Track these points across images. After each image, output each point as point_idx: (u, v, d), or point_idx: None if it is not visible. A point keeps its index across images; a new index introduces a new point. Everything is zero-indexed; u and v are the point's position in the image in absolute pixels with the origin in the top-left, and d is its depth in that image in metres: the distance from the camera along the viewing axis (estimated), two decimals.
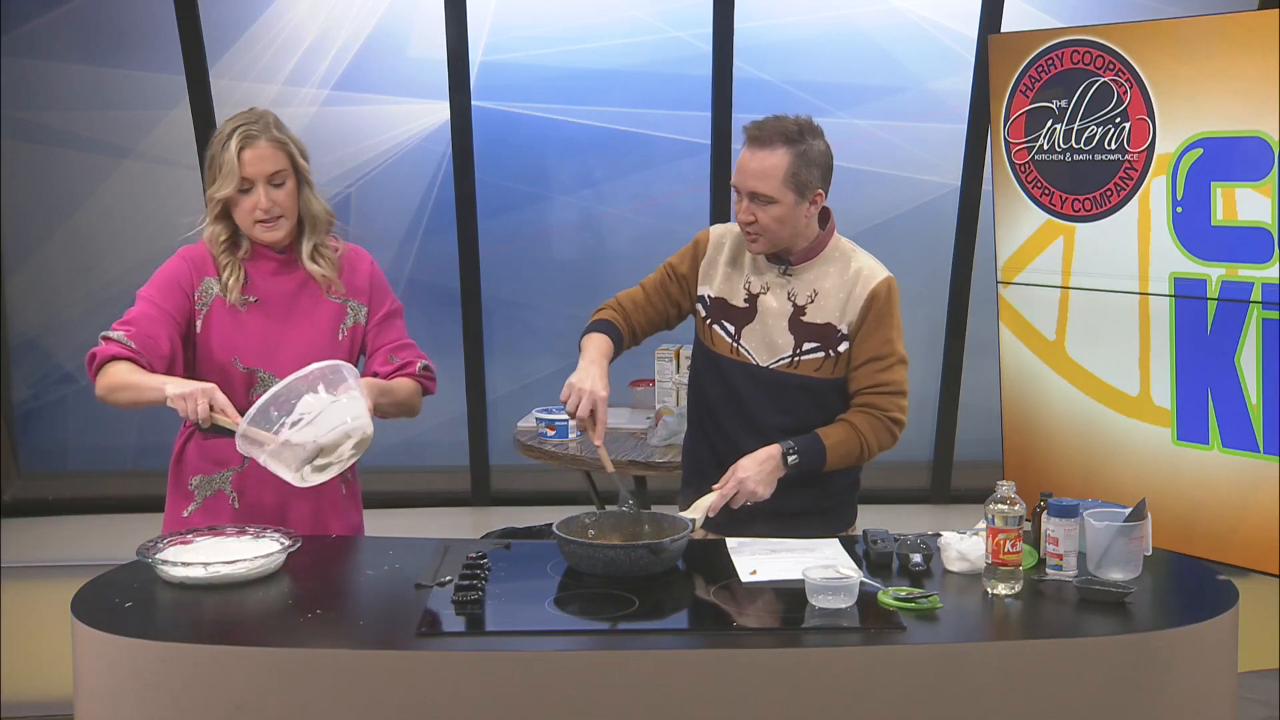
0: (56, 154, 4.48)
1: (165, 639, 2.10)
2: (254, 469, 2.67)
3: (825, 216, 2.76)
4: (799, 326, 2.72)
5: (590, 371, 2.67)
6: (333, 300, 2.74)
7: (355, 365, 2.75)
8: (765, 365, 2.74)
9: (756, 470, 2.62)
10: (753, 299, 2.76)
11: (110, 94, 4.42)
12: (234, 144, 2.60)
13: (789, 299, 2.73)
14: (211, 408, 2.44)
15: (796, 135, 2.63)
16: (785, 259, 2.74)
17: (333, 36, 4.43)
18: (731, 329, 2.77)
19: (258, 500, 2.69)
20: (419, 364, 2.79)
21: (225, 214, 2.66)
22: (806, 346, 2.72)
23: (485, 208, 4.50)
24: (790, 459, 2.64)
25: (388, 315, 2.80)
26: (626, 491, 2.64)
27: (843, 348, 2.72)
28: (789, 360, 2.73)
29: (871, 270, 2.74)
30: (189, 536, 2.48)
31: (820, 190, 2.67)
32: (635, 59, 4.51)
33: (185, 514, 2.70)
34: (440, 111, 4.44)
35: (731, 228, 2.82)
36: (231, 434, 2.42)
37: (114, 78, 4.42)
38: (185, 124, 4.36)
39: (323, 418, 2.43)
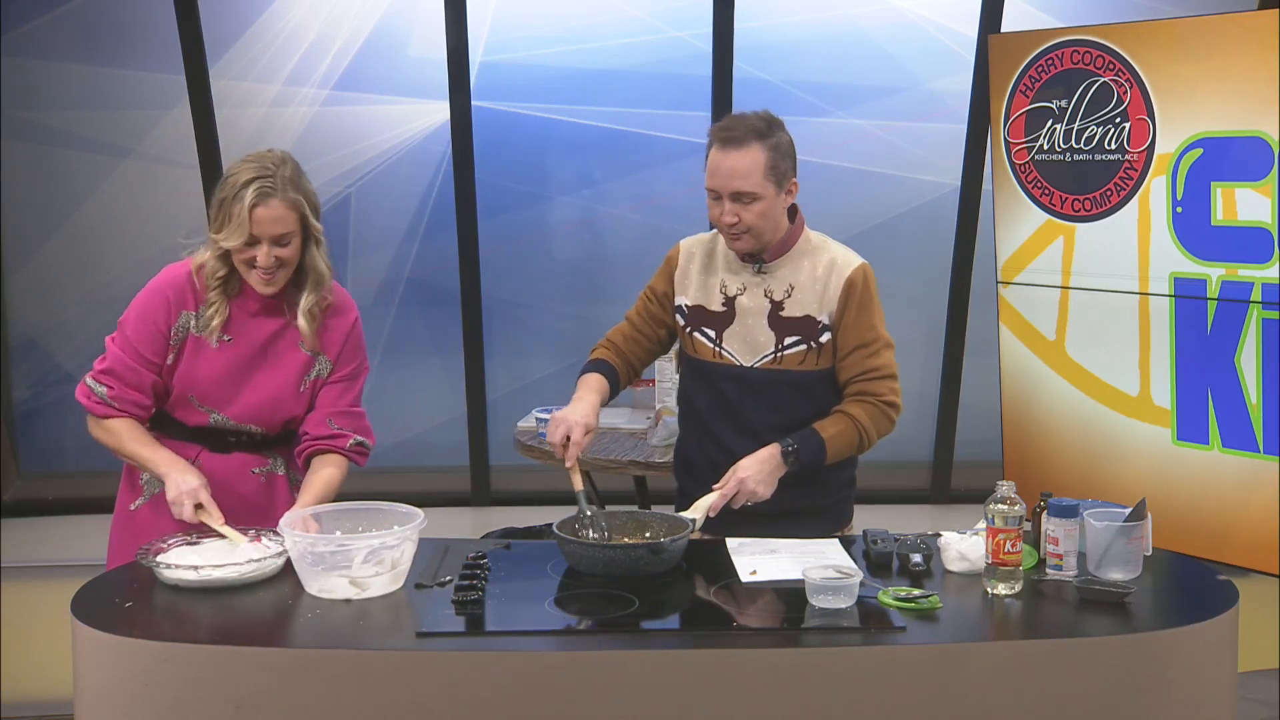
0: (56, 154, 4.48)
1: (165, 639, 2.10)
2: (202, 473, 2.67)
3: (793, 211, 2.77)
4: (779, 322, 2.73)
5: (576, 406, 2.71)
6: (304, 351, 2.70)
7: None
8: (749, 365, 2.75)
9: (757, 470, 2.62)
10: (730, 301, 2.77)
11: (110, 94, 4.42)
12: (248, 198, 2.51)
13: (766, 296, 2.74)
14: (199, 505, 2.53)
15: (766, 130, 2.66)
16: (759, 257, 2.75)
17: (333, 36, 4.43)
18: (711, 333, 2.78)
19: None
20: (351, 439, 2.71)
21: (227, 252, 2.59)
22: (788, 341, 2.73)
23: (485, 208, 4.50)
24: (790, 457, 2.64)
25: (348, 377, 2.74)
26: (586, 507, 2.62)
27: (824, 338, 2.72)
28: (772, 357, 2.73)
29: (845, 259, 2.75)
30: (194, 537, 2.48)
31: (795, 179, 2.71)
32: (635, 59, 4.51)
33: (133, 507, 2.71)
34: (440, 111, 4.44)
35: (700, 237, 2.85)
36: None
37: (114, 78, 4.42)
38: (185, 124, 4.36)
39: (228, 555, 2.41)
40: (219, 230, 2.56)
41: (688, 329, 2.82)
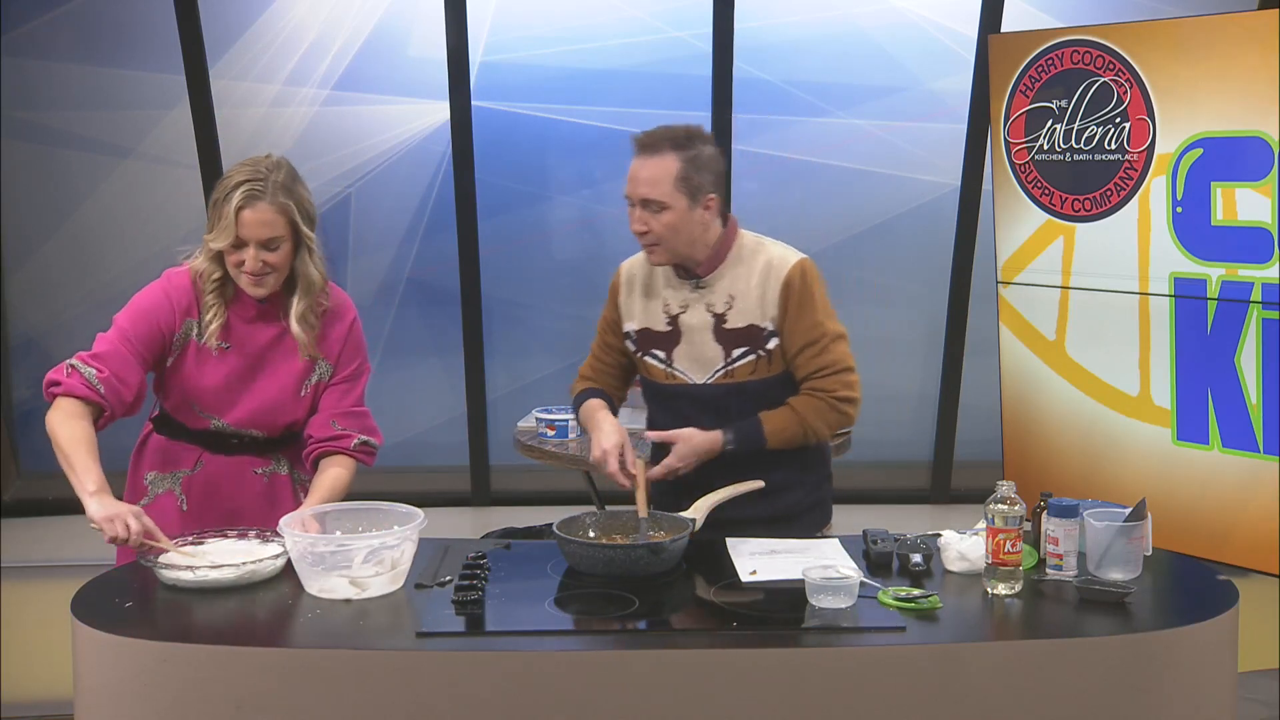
0: (56, 154, 4.48)
1: (165, 639, 2.10)
2: (205, 474, 2.69)
3: (725, 218, 2.73)
4: (723, 335, 2.70)
5: (600, 433, 2.70)
6: (304, 357, 2.69)
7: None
8: (702, 382, 2.72)
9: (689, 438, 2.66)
10: (674, 320, 2.73)
11: (110, 94, 4.42)
12: (235, 199, 2.52)
13: (707, 310, 2.70)
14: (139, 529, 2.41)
15: (684, 140, 2.61)
16: (694, 272, 2.71)
17: (333, 36, 4.43)
18: (661, 355, 2.75)
19: (206, 505, 2.68)
20: (356, 439, 2.70)
21: (220, 255, 2.59)
22: (736, 353, 2.70)
23: (485, 208, 4.50)
24: (727, 432, 2.66)
25: (349, 377, 2.73)
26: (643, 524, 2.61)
27: (771, 345, 2.69)
28: (722, 371, 2.71)
29: (782, 259, 2.70)
30: (196, 536, 2.49)
31: (713, 195, 2.64)
32: (635, 59, 4.51)
33: (138, 507, 2.69)
34: (440, 111, 4.44)
35: (639, 258, 2.80)
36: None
37: (114, 78, 4.42)
38: (185, 124, 4.36)
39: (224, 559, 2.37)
40: (210, 231, 2.57)
41: (639, 353, 2.79)
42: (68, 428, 2.47)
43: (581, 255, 4.74)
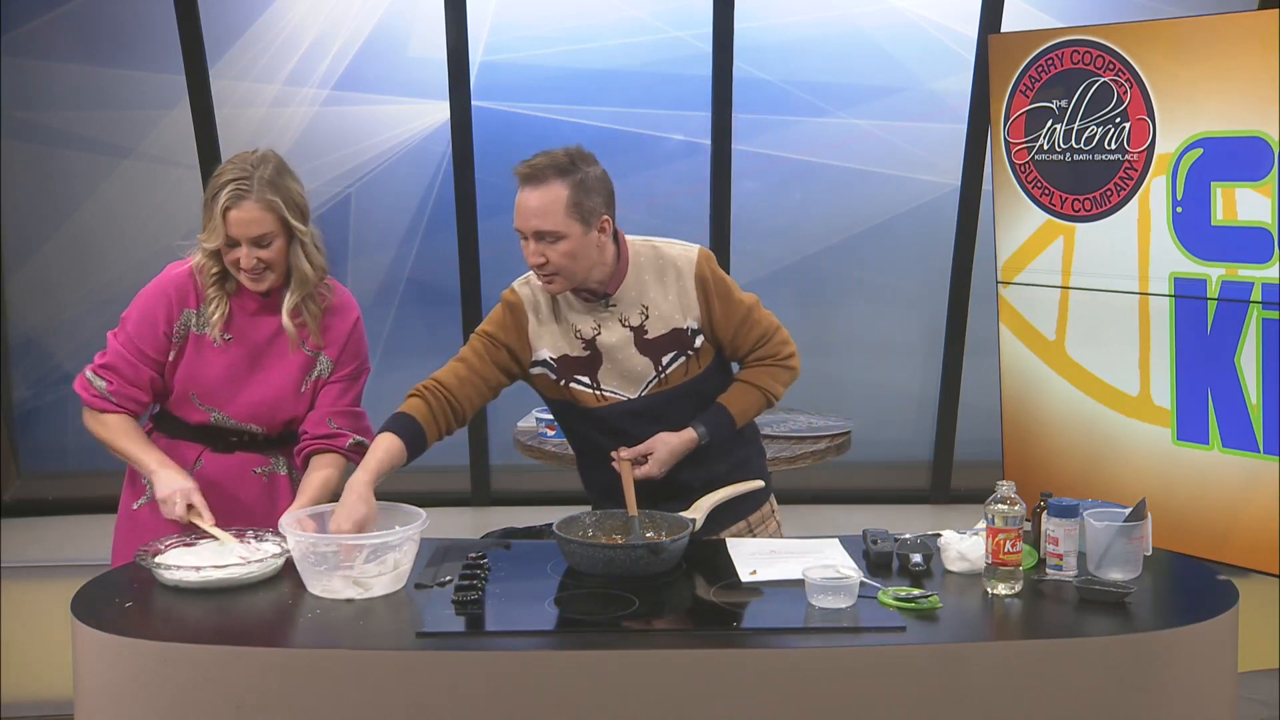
0: (56, 154, 4.48)
1: (165, 639, 2.11)
2: (204, 473, 2.69)
3: (616, 233, 2.68)
4: (648, 346, 2.66)
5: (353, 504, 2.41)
6: (306, 352, 2.69)
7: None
8: (637, 396, 2.69)
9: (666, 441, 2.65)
10: (590, 343, 2.67)
11: (110, 94, 4.42)
12: (222, 199, 2.52)
13: (623, 326, 2.66)
14: (190, 507, 2.52)
15: (569, 166, 2.57)
16: (600, 292, 2.66)
17: (333, 36, 4.43)
18: (587, 379, 2.69)
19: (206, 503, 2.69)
20: (350, 439, 2.69)
21: (217, 252, 2.59)
22: (666, 360, 2.67)
23: (485, 208, 4.50)
24: (699, 425, 2.67)
25: (349, 376, 2.73)
26: (636, 524, 2.60)
27: (699, 342, 2.68)
28: (657, 380, 2.68)
29: (684, 257, 2.67)
30: (191, 539, 2.49)
31: (606, 216, 2.59)
32: (635, 59, 4.51)
33: (135, 506, 2.71)
34: (440, 111, 4.44)
35: (533, 282, 2.71)
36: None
37: (114, 78, 4.42)
38: (185, 124, 4.36)
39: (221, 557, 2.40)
40: (202, 230, 2.58)
41: (562, 381, 2.71)
42: (106, 429, 2.64)
43: None
